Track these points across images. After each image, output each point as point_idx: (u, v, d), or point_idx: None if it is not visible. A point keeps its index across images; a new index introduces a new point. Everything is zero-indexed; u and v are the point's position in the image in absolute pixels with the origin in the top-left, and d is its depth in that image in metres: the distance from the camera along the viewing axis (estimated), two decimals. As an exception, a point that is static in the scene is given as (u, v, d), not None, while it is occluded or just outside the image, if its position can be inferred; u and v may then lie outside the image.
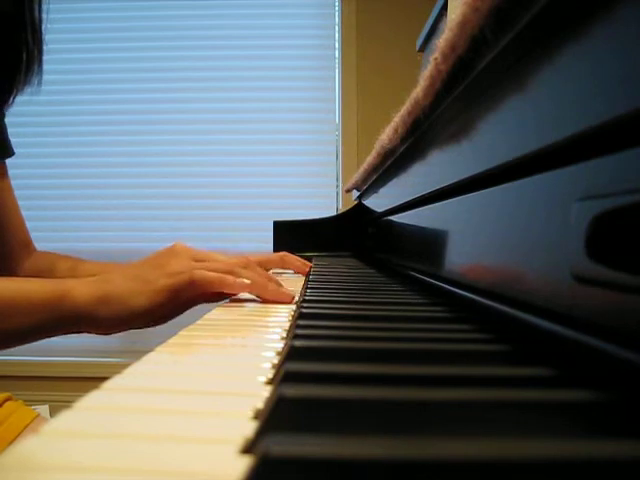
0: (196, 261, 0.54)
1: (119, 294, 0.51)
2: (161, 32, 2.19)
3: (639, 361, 0.20)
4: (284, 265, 0.85)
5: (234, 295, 0.56)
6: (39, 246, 0.87)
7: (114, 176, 2.16)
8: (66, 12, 2.16)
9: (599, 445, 0.16)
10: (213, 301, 0.58)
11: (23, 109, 2.13)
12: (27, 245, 0.83)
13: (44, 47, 0.72)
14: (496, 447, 0.15)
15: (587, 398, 0.20)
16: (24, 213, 0.85)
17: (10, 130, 0.82)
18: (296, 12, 2.20)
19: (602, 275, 0.22)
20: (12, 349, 0.53)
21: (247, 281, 0.52)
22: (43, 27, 0.71)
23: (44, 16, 0.71)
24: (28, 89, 0.72)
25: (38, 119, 2.16)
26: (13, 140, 0.83)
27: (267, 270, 0.74)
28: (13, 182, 0.84)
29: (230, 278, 0.51)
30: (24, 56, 0.69)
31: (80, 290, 0.51)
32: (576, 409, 0.20)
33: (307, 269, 0.84)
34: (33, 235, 0.87)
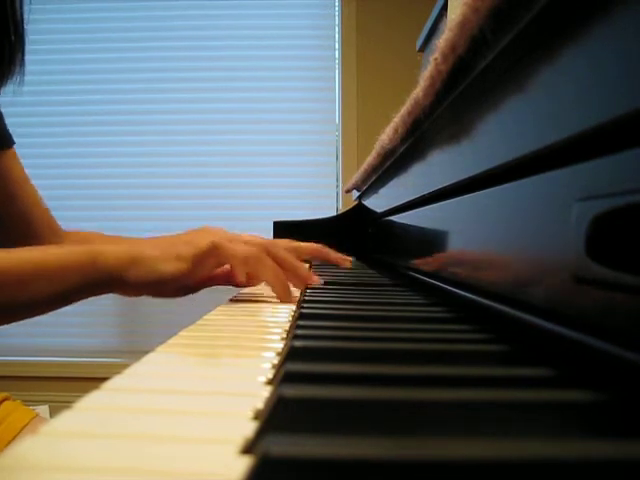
0: (223, 239, 0.56)
1: (147, 258, 0.53)
2: (162, 32, 2.19)
3: (639, 361, 0.20)
4: (320, 257, 0.80)
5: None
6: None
7: (114, 176, 2.16)
8: (71, 12, 2.16)
9: (599, 445, 0.16)
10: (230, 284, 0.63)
11: (24, 109, 2.13)
12: (51, 226, 0.84)
13: (26, 38, 0.72)
14: (496, 447, 0.15)
15: (587, 398, 0.20)
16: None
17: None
18: (296, 12, 2.20)
19: (602, 275, 0.22)
20: (12, 349, 0.54)
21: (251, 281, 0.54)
22: (25, 17, 0.71)
23: (26, 6, 0.71)
24: (11, 81, 0.72)
25: (39, 119, 2.16)
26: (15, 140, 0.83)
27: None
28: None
29: (246, 264, 0.54)
30: (6, 47, 0.69)
31: (110, 253, 0.53)
32: (576, 409, 0.20)
33: (348, 263, 0.79)
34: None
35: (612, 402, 0.20)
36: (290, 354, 0.28)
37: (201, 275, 0.55)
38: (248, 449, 0.17)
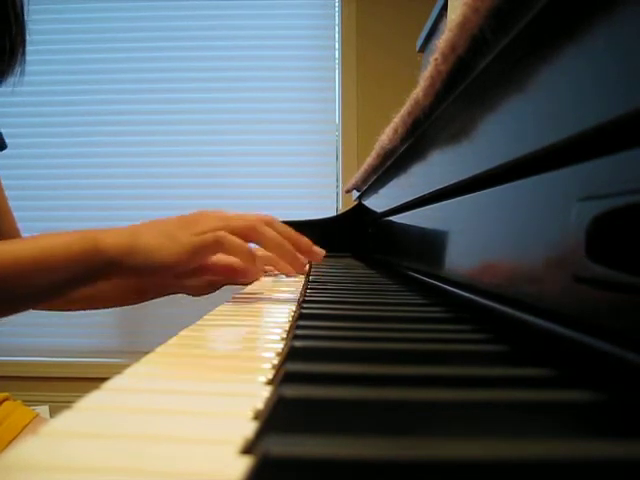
0: (221, 219, 0.56)
1: (144, 246, 0.53)
2: (161, 32, 2.19)
3: (639, 361, 0.20)
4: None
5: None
6: None
7: (113, 176, 2.16)
8: (71, 12, 2.16)
9: (598, 445, 0.16)
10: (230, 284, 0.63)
11: (23, 109, 2.13)
12: (13, 237, 0.83)
13: (27, 35, 0.71)
14: (495, 447, 0.15)
15: (586, 398, 0.20)
16: (24, 213, 0.85)
17: (8, 130, 0.82)
18: (296, 12, 2.19)
19: (602, 275, 0.22)
20: (12, 349, 0.54)
21: (259, 272, 0.54)
22: (26, 12, 0.71)
23: (26, 1, 0.71)
24: (10, 79, 0.72)
25: (38, 119, 2.16)
26: (12, 141, 0.83)
27: None
28: (11, 180, 0.84)
29: (251, 255, 0.54)
30: (7, 43, 0.69)
31: (109, 240, 0.52)
32: (575, 409, 0.20)
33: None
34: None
35: (612, 402, 0.20)
36: (290, 354, 0.28)
37: (198, 263, 0.55)
38: (248, 449, 0.17)
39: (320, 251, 0.59)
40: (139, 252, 0.52)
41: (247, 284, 0.68)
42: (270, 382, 0.25)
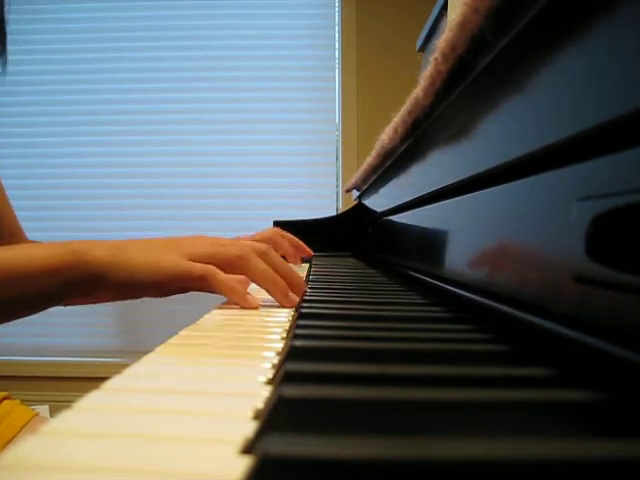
0: (212, 244, 0.53)
1: (129, 262, 0.50)
2: (161, 32, 2.18)
3: (639, 361, 0.20)
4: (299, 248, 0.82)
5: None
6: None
7: (114, 176, 2.16)
8: (70, 12, 2.16)
9: (598, 445, 0.16)
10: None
11: (23, 109, 2.13)
12: (15, 236, 0.83)
13: (7, 27, 0.71)
14: (496, 447, 0.15)
15: (586, 398, 0.20)
16: (23, 213, 0.85)
17: (9, 130, 0.82)
18: (296, 12, 2.19)
19: (602, 275, 0.22)
20: (12, 349, 0.54)
21: (256, 301, 0.51)
22: (5, 6, 0.70)
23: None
24: None
25: (38, 119, 2.16)
26: (12, 140, 0.82)
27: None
28: (11, 181, 0.84)
29: (242, 292, 0.51)
30: None
31: (95, 253, 0.50)
32: (575, 409, 0.20)
33: (298, 260, 0.83)
34: (31, 235, 0.86)
35: (612, 402, 0.20)
36: (290, 354, 0.28)
37: (179, 291, 0.53)
38: (248, 449, 0.17)
39: (294, 298, 0.53)
40: (123, 267, 0.50)
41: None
42: (270, 382, 0.25)
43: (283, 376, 0.24)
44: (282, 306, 0.51)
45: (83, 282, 0.50)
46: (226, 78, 2.17)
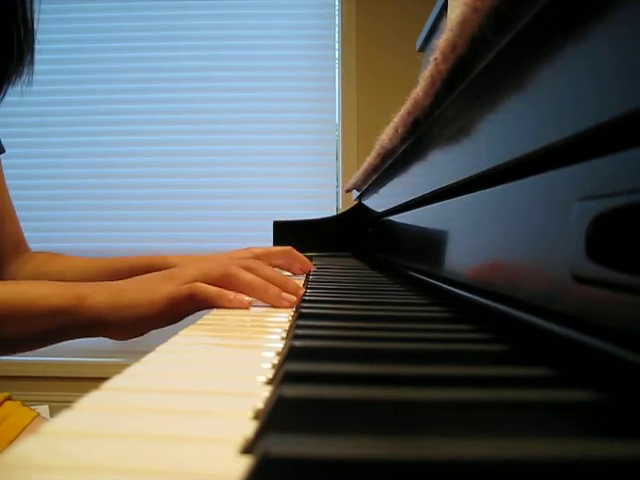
0: (200, 269, 0.54)
1: (129, 302, 0.52)
2: (161, 32, 2.19)
3: (639, 361, 0.20)
4: (288, 260, 0.83)
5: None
6: (37, 247, 0.87)
7: (113, 176, 2.16)
8: (71, 12, 2.16)
9: (599, 445, 0.16)
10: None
11: (23, 109, 2.13)
12: (18, 245, 0.83)
13: (36, 37, 0.71)
14: (496, 447, 0.15)
15: (587, 398, 0.20)
16: (22, 214, 0.84)
17: (8, 130, 0.82)
18: (296, 12, 2.19)
19: (602, 275, 0.22)
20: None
21: (247, 298, 0.52)
22: (35, 16, 0.70)
23: (36, 6, 0.71)
24: (19, 81, 0.71)
25: (38, 119, 2.16)
26: (12, 140, 0.82)
27: (272, 265, 0.74)
28: (11, 181, 0.83)
29: (229, 294, 0.52)
30: (15, 46, 0.68)
31: (95, 298, 0.52)
32: (576, 409, 0.20)
33: (309, 268, 0.84)
34: (32, 236, 0.86)
35: (612, 402, 0.20)
36: (290, 354, 0.28)
37: (178, 314, 0.54)
38: (248, 449, 0.17)
39: (290, 298, 0.53)
40: (123, 308, 0.52)
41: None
42: (270, 382, 0.25)
43: (283, 376, 0.24)
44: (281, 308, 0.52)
45: (82, 326, 0.52)
46: (226, 78, 2.17)
